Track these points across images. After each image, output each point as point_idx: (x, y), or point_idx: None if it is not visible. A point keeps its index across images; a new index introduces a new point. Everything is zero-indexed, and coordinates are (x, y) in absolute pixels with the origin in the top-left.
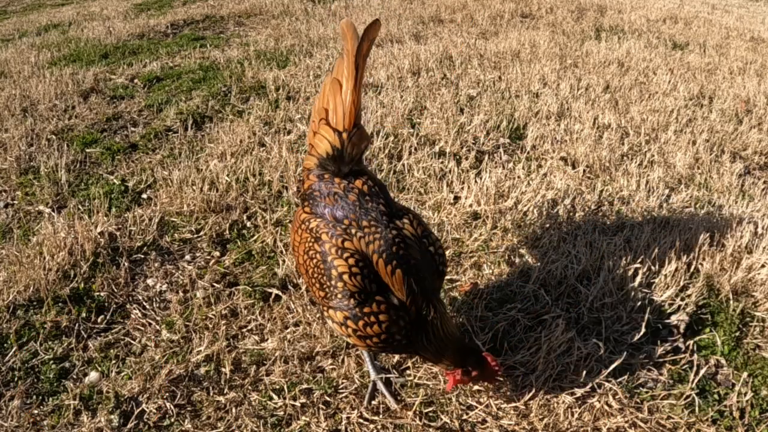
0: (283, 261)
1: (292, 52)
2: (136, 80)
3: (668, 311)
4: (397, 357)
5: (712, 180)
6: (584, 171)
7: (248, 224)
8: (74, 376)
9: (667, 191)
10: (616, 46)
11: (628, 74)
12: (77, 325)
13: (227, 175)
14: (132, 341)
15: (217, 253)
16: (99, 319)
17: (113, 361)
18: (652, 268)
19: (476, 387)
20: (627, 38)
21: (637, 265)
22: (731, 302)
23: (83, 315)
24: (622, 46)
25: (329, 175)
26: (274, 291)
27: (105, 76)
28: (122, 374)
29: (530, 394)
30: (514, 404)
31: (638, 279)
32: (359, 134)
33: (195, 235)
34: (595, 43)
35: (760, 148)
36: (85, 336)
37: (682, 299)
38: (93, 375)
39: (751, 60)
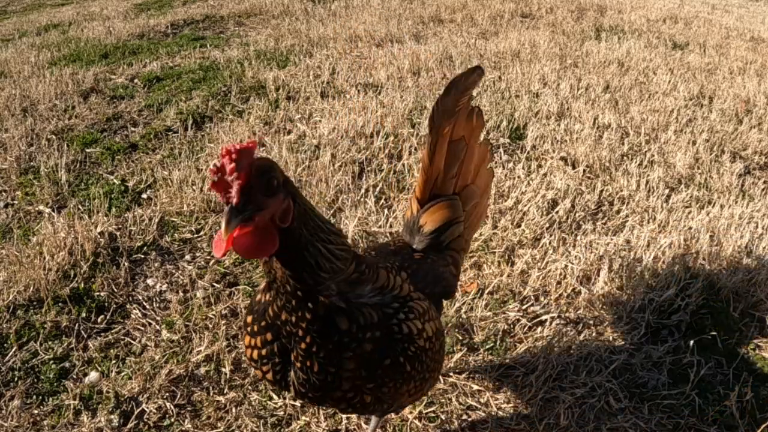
0: None
1: (292, 52)
2: (136, 80)
3: (668, 311)
4: None
5: (712, 180)
6: (584, 171)
7: None
8: (74, 376)
9: (667, 191)
10: (616, 46)
11: (628, 74)
12: (77, 325)
13: None
14: (132, 341)
15: None
16: (99, 319)
17: (113, 361)
18: (652, 268)
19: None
20: (627, 38)
21: (637, 265)
22: (731, 302)
23: (83, 315)
24: (622, 46)
25: (395, 241)
26: None
27: (105, 76)
28: (122, 374)
29: (530, 394)
30: (514, 404)
31: (638, 279)
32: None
33: (195, 235)
34: (595, 43)
35: (760, 148)
36: (85, 336)
37: (682, 299)
38: (93, 375)
39: (751, 60)
